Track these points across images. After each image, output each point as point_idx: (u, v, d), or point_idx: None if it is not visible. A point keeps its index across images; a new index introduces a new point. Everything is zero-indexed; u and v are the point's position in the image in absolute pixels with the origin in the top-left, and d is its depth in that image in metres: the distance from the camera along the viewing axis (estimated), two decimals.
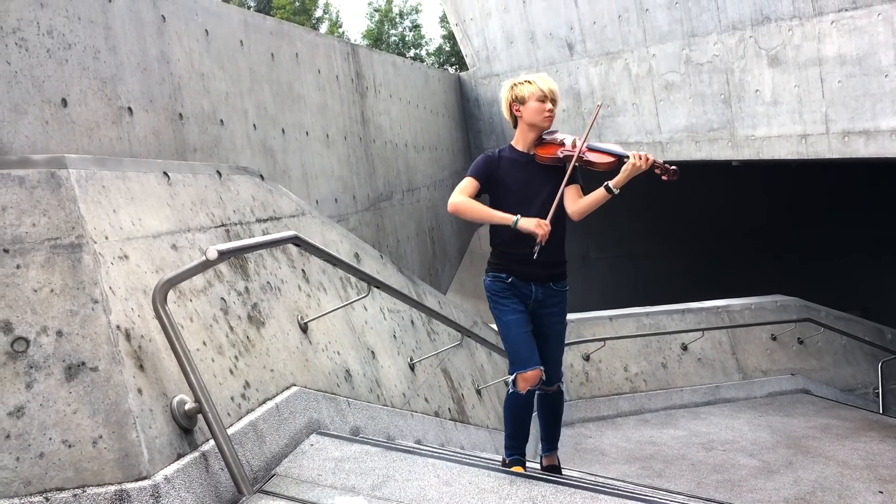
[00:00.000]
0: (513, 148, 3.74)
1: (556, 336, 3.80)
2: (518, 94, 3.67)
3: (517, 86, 3.69)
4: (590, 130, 3.65)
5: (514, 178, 3.64)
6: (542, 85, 3.64)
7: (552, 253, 3.61)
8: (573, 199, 3.63)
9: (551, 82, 3.70)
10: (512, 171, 3.65)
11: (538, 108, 3.62)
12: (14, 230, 2.79)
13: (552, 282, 3.69)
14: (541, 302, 3.70)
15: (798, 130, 9.92)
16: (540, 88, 3.63)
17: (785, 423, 9.64)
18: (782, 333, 11.44)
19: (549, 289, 3.69)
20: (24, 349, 2.67)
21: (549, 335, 3.77)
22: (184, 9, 5.12)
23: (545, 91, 3.62)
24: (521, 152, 3.71)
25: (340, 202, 8.06)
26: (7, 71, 3.42)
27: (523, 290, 3.68)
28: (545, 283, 3.68)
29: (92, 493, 2.57)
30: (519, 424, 3.87)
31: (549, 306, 3.72)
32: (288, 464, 3.43)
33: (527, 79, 3.70)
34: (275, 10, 47.49)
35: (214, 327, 3.46)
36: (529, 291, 3.68)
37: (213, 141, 5.34)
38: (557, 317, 3.76)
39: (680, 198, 18.62)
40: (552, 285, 3.70)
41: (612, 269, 18.74)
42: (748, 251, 19.05)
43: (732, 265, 18.90)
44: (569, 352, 10.37)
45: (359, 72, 9.13)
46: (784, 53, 9.83)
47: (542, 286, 3.68)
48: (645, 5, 11.99)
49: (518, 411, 3.81)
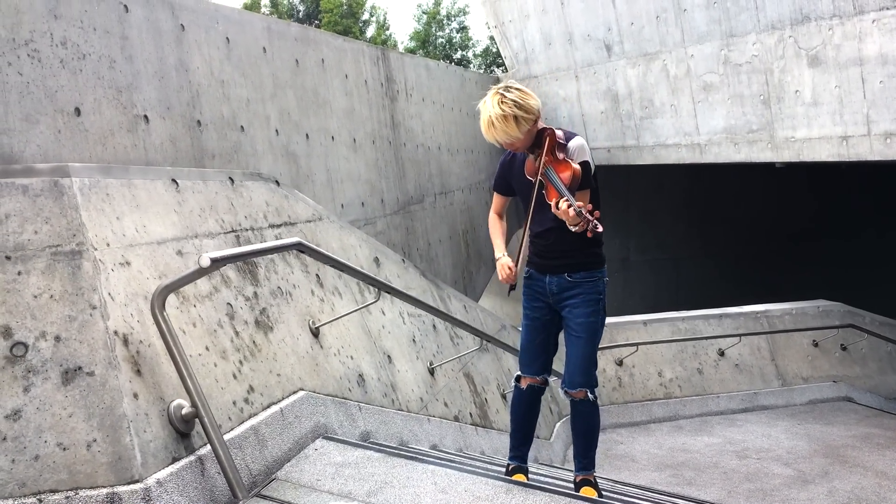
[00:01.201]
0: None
1: (576, 330, 3.55)
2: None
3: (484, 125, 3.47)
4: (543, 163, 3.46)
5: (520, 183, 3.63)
6: (487, 135, 3.44)
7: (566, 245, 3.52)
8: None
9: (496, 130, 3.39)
10: (519, 176, 3.62)
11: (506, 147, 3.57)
12: (16, 237, 2.87)
13: (566, 272, 3.56)
14: (557, 294, 3.59)
15: (839, 132, 9.68)
16: (495, 138, 3.44)
17: (824, 432, 9.41)
18: (824, 339, 11.17)
19: (564, 279, 3.56)
20: (22, 354, 2.74)
21: (571, 329, 3.57)
22: (204, 17, 5.21)
23: (499, 141, 3.45)
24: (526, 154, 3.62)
25: (367, 206, 8.11)
26: (19, 82, 3.52)
27: (540, 283, 3.64)
28: (559, 273, 3.57)
29: (84, 495, 2.62)
30: (518, 422, 3.80)
31: (567, 298, 3.57)
32: (290, 468, 3.46)
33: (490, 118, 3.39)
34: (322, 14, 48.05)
35: (219, 332, 3.50)
36: (545, 284, 3.62)
37: (233, 147, 5.42)
38: (578, 308, 3.54)
39: (724, 200, 18.34)
40: (567, 276, 3.56)
41: (653, 271, 18.50)
42: (794, 255, 18.66)
43: (777, 269, 18.52)
44: (601, 356, 10.26)
45: (389, 76, 9.17)
46: (824, 53, 9.60)
47: (556, 277, 3.58)
48: (683, 5, 11.82)
49: (516, 407, 3.78)
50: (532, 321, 3.67)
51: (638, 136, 13.68)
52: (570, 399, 3.65)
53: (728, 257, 18.79)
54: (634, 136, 13.79)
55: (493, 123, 3.36)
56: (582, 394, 3.55)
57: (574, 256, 3.56)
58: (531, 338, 3.68)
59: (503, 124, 3.35)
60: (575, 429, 3.72)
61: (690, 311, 11.10)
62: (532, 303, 3.68)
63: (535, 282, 3.66)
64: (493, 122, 3.36)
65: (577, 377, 3.54)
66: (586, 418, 3.63)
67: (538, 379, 3.67)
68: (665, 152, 13.19)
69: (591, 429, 3.66)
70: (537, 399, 3.79)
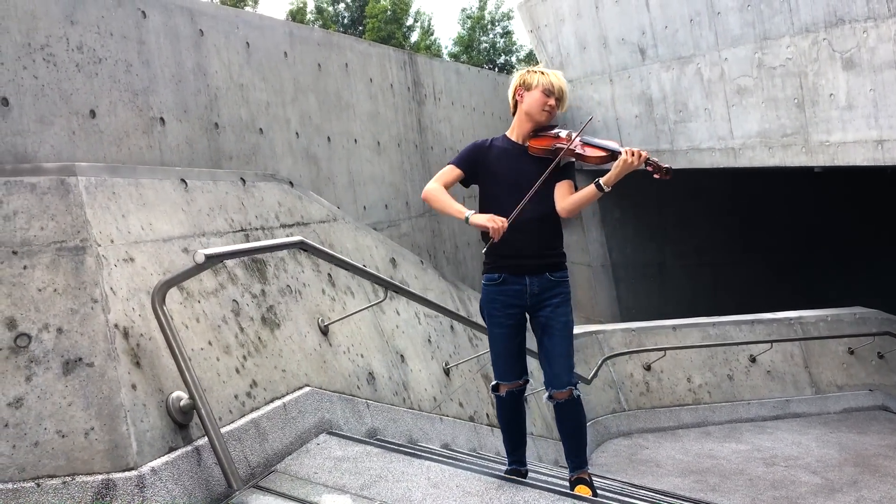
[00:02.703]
0: (507, 137, 3.59)
1: (560, 330, 3.47)
2: (527, 80, 3.54)
3: (530, 72, 3.56)
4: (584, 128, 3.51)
5: (505, 167, 3.49)
6: (553, 79, 3.51)
7: (542, 243, 3.47)
8: (563, 195, 3.46)
9: (563, 81, 3.57)
10: (502, 161, 3.51)
11: (540, 100, 3.49)
12: (23, 233, 3.00)
13: (548, 271, 3.48)
14: (538, 295, 3.47)
15: (874, 136, 9.50)
16: (550, 81, 3.50)
17: (856, 441, 9.23)
18: (860, 347, 10.95)
19: (546, 279, 3.47)
20: (26, 344, 2.86)
21: (553, 329, 3.47)
22: (224, 23, 5.35)
23: (554, 86, 3.50)
24: (514, 142, 3.56)
25: (391, 208, 8.20)
26: (34, 85, 3.67)
27: (516, 287, 3.48)
28: (540, 273, 3.47)
29: (80, 480, 2.73)
30: (506, 428, 3.75)
31: (549, 298, 3.47)
32: (290, 461, 3.54)
33: (541, 70, 3.56)
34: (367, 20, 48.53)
35: (223, 328, 3.60)
36: (523, 286, 3.47)
37: (251, 149, 5.54)
38: (560, 308, 3.47)
39: (764, 205, 18.07)
40: (549, 275, 3.47)
41: (691, 277, 18.28)
42: (836, 262, 18.30)
43: (819, 276, 18.18)
44: (629, 361, 10.22)
45: (416, 80, 9.26)
46: (859, 56, 9.44)
47: (538, 276, 3.47)
48: (717, 8, 11.72)
49: (501, 414, 3.72)
50: (507, 329, 3.52)
51: (672, 140, 13.57)
52: (554, 402, 3.53)
53: (768, 264, 18.50)
54: (668, 140, 13.69)
55: (561, 78, 3.57)
56: (568, 393, 3.47)
57: (554, 255, 3.51)
58: (506, 345, 3.55)
59: (565, 87, 3.57)
60: (564, 431, 3.63)
61: (721, 317, 10.97)
62: (506, 310, 3.51)
63: (510, 286, 3.49)
64: (562, 78, 3.58)
65: (563, 376, 3.46)
66: (574, 417, 3.56)
67: (518, 382, 3.59)
68: (699, 156, 13.06)
69: (579, 428, 3.59)
70: (520, 401, 3.71)
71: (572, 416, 3.55)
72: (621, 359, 10.16)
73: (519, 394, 3.65)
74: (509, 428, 3.73)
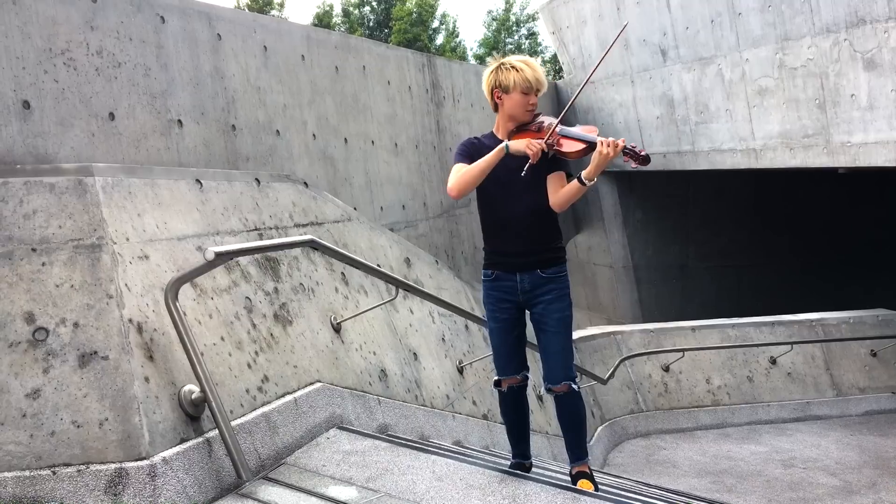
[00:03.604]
0: (493, 135, 3.59)
1: (554, 326, 3.48)
2: (502, 82, 3.46)
3: (502, 70, 3.48)
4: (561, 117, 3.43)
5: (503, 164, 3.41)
6: (529, 74, 3.42)
7: (532, 239, 3.47)
8: (555, 189, 3.43)
9: (538, 69, 3.47)
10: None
11: (521, 101, 3.45)
12: (42, 231, 3.11)
13: (539, 268, 3.48)
14: (529, 292, 3.50)
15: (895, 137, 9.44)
16: (526, 79, 3.42)
17: (877, 444, 9.17)
18: (883, 349, 10.86)
19: (537, 276, 3.48)
20: (43, 338, 2.98)
21: (547, 325, 3.48)
22: (242, 27, 5.47)
23: (531, 82, 3.42)
24: (499, 140, 3.52)
25: (409, 209, 8.29)
26: (55, 88, 3.81)
27: (508, 284, 3.52)
28: (531, 269, 3.48)
29: (94, 469, 2.84)
30: (509, 422, 3.81)
31: (541, 294, 3.49)
32: (300, 454, 3.63)
33: (514, 64, 3.46)
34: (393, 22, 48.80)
35: (235, 324, 3.70)
36: (515, 283, 3.51)
37: (268, 150, 5.66)
38: (554, 304, 3.48)
39: (790, 206, 17.91)
40: (540, 272, 3.48)
41: (714, 279, 18.17)
42: (862, 264, 18.09)
43: (845, 278, 17.99)
44: (647, 362, 10.23)
45: (435, 82, 9.34)
46: (880, 56, 9.37)
47: (529, 274, 3.49)
48: (737, 9, 11.67)
49: (504, 409, 3.79)
50: (502, 323, 3.58)
51: (693, 142, 13.53)
52: (553, 395, 3.57)
53: (793, 266, 18.33)
54: (690, 141, 13.65)
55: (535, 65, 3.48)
56: (566, 387, 3.50)
57: (545, 251, 3.51)
58: (503, 339, 3.60)
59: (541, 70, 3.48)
60: (563, 423, 3.67)
61: (741, 318, 10.94)
62: (499, 305, 3.57)
63: (502, 282, 3.54)
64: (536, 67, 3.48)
65: (559, 372, 3.49)
66: (573, 410, 3.59)
67: (517, 378, 3.64)
68: (720, 157, 13.01)
69: (579, 421, 3.63)
70: (521, 396, 3.75)
71: (571, 408, 3.59)
72: (640, 360, 10.18)
73: (520, 390, 3.71)
74: (511, 423, 3.81)
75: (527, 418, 3.82)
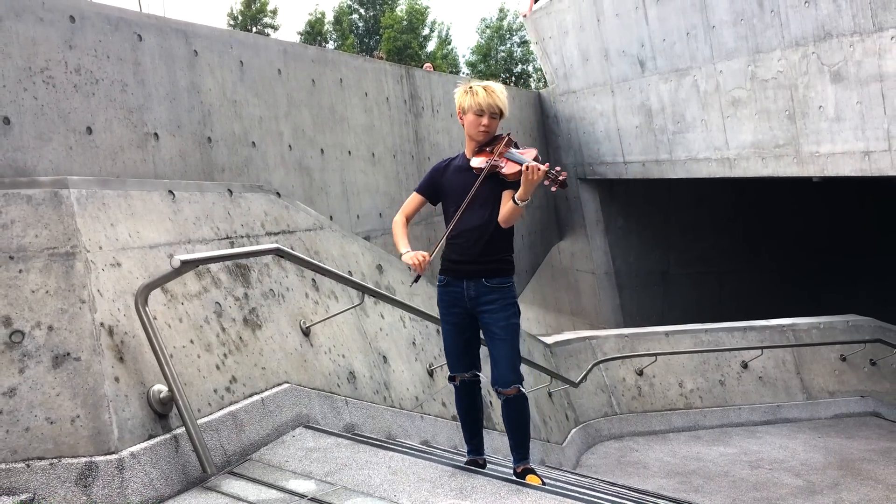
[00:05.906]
0: (463, 154, 3.82)
1: (500, 333, 3.69)
2: (462, 104, 3.73)
3: (464, 93, 3.72)
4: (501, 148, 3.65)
5: (455, 184, 3.73)
6: (481, 99, 3.64)
7: (479, 250, 3.67)
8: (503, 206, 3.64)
9: (497, 95, 3.66)
10: (453, 178, 3.76)
11: (474, 122, 3.67)
12: (19, 240, 3.32)
13: (484, 277, 3.69)
14: (475, 299, 3.71)
15: (861, 147, 9.70)
16: (478, 102, 3.64)
17: (843, 445, 9.42)
18: (853, 354, 11.13)
19: (482, 285, 3.69)
20: (20, 340, 3.18)
21: (493, 333, 3.73)
22: (218, 43, 5.68)
23: (483, 106, 3.63)
24: (466, 160, 3.77)
25: (385, 217, 8.51)
26: (34, 105, 4.01)
27: (456, 290, 3.74)
28: (476, 278, 3.69)
29: (66, 462, 3.04)
30: (463, 415, 4.00)
31: (485, 303, 3.70)
32: (265, 451, 3.83)
33: (473, 87, 3.70)
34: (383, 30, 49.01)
35: (205, 328, 3.91)
36: (462, 289, 3.72)
37: (244, 161, 5.87)
38: (498, 313, 3.69)
39: (770, 213, 18.21)
40: (485, 281, 3.69)
41: (695, 285, 18.45)
42: (841, 271, 18.38)
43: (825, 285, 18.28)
44: (621, 366, 10.46)
45: (413, 93, 9.57)
46: (846, 69, 9.65)
47: (474, 282, 3.69)
48: (712, 22, 11.96)
49: (458, 402, 3.99)
50: (453, 326, 3.82)
51: (671, 150, 13.81)
52: (501, 397, 3.77)
53: (773, 272, 18.62)
54: (667, 149, 13.92)
55: (493, 90, 3.66)
56: (515, 390, 3.72)
57: (491, 262, 3.71)
58: (454, 339, 3.84)
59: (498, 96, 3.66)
60: (510, 424, 3.86)
61: (714, 324, 11.19)
62: (450, 309, 3.80)
63: (452, 288, 3.76)
64: (494, 89, 3.67)
65: (507, 376, 3.70)
66: (520, 412, 3.80)
67: (467, 375, 3.87)
68: (696, 166, 13.29)
69: (524, 422, 3.84)
70: (474, 391, 3.94)
71: (518, 410, 3.80)
72: (614, 364, 10.41)
73: (472, 385, 3.90)
74: (465, 416, 3.99)
75: (480, 413, 4.01)
